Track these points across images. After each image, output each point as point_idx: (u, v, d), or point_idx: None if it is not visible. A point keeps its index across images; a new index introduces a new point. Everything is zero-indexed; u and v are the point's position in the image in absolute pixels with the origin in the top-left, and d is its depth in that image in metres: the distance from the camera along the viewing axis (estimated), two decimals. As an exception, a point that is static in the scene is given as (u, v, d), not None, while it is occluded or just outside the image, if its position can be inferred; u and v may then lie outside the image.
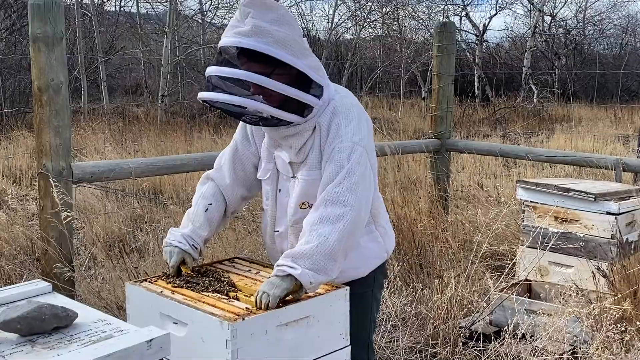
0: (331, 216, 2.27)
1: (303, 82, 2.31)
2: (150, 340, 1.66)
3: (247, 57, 2.27)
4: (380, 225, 2.62)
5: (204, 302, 2.20)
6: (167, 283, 2.40)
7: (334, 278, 2.31)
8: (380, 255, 2.61)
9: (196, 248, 2.54)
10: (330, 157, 2.35)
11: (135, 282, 2.44)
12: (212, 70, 2.33)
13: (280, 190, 2.54)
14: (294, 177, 2.48)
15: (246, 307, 2.17)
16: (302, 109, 2.34)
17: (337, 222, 2.26)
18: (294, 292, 2.22)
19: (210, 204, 2.60)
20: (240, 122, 2.61)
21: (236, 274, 2.52)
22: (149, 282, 2.43)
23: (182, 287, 2.36)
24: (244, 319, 2.06)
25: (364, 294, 2.59)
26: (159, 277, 2.47)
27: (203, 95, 2.36)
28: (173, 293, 2.30)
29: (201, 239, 2.56)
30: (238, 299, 2.27)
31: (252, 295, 2.23)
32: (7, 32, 15.56)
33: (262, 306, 2.14)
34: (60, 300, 1.99)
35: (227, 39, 2.29)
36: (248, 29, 2.23)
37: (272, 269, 2.56)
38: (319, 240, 2.23)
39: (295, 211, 2.48)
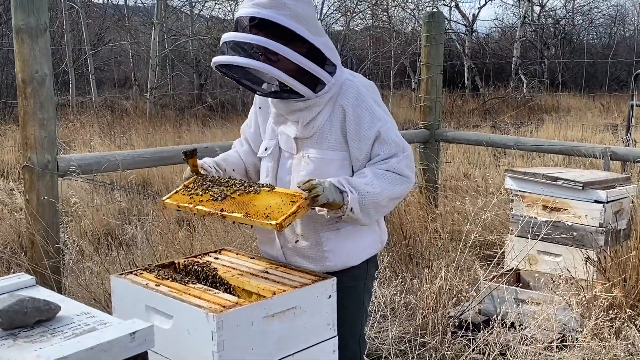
0: (394, 179, 2.40)
1: (316, 59, 2.33)
2: (134, 333, 1.64)
3: (262, 29, 2.27)
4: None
5: (189, 294, 2.19)
6: (153, 275, 2.38)
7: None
8: (376, 245, 2.62)
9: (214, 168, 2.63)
10: (381, 139, 2.42)
11: (121, 274, 2.42)
12: (229, 36, 2.32)
13: (280, 167, 2.54)
14: (299, 154, 2.47)
15: (231, 300, 2.16)
16: (314, 84, 2.36)
17: (396, 185, 2.40)
18: (331, 206, 2.29)
19: (238, 155, 2.73)
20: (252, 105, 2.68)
21: (223, 265, 2.51)
22: (135, 274, 2.40)
23: (168, 279, 2.34)
24: (229, 311, 2.04)
25: (356, 286, 2.57)
26: (144, 270, 2.45)
27: (219, 59, 2.34)
28: (158, 285, 2.28)
29: (222, 167, 2.65)
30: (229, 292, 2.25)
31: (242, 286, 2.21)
32: (-7, 24, 15.43)
33: (310, 192, 2.22)
34: (43, 293, 1.96)
35: (245, 10, 2.28)
36: (267, 0, 2.25)
37: (259, 260, 2.56)
38: (380, 190, 2.36)
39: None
